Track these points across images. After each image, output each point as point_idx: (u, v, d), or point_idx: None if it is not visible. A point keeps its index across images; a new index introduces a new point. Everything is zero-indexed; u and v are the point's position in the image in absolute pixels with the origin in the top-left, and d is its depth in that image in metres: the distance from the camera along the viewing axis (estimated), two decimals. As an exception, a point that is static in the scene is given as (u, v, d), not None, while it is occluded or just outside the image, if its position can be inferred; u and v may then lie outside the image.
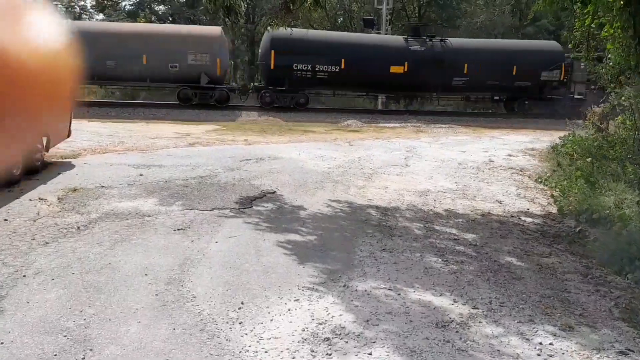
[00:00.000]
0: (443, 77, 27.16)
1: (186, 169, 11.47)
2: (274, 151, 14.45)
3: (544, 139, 19.50)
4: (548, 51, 29.01)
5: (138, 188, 9.50)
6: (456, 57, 27.32)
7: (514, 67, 27.59)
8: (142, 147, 14.55)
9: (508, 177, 12.55)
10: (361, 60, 26.33)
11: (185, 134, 18.03)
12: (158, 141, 15.87)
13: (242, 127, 20.99)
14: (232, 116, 24.84)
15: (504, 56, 27.86)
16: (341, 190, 10.20)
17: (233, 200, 8.93)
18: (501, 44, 30.61)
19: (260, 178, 10.82)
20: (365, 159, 13.86)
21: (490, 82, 27.73)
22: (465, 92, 29.20)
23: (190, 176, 10.67)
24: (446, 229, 8.17)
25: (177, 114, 23.77)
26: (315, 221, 8.06)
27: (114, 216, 7.71)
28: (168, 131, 18.51)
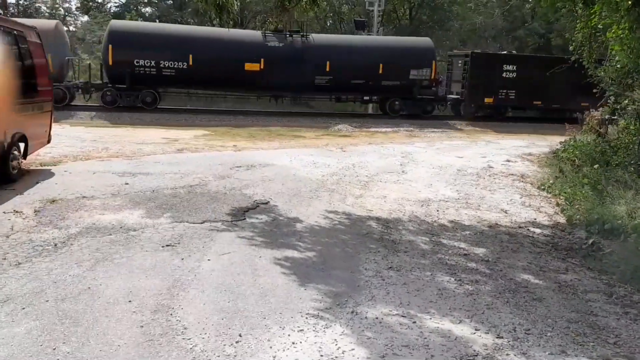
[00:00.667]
0: (304, 75, 25.24)
1: (175, 177, 10.82)
2: (264, 158, 13.83)
3: (540, 143, 19.08)
4: (418, 49, 27.43)
5: (123, 198, 8.84)
6: (318, 54, 25.48)
7: (381, 66, 25.78)
8: (127, 154, 13.87)
9: (510, 184, 12.02)
10: (212, 56, 24.51)
11: (174, 139, 17.36)
12: (145, 147, 15.19)
13: (231, 132, 20.33)
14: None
15: (369, 54, 26.07)
16: (338, 200, 9.60)
17: (225, 211, 8.30)
18: (367, 40, 28.72)
19: (252, 187, 10.20)
20: (360, 165, 13.28)
21: (356, 81, 25.88)
22: (330, 92, 26.89)
23: (179, 185, 10.03)
24: (454, 243, 7.60)
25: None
26: (314, 235, 7.45)
27: (96, 231, 7.05)
28: (156, 136, 17.82)
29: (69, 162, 12.35)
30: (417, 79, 26.37)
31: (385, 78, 26.04)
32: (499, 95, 27.33)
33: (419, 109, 26.75)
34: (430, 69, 26.49)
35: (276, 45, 25.34)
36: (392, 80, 26.15)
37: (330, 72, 25.41)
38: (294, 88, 26.07)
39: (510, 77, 27.38)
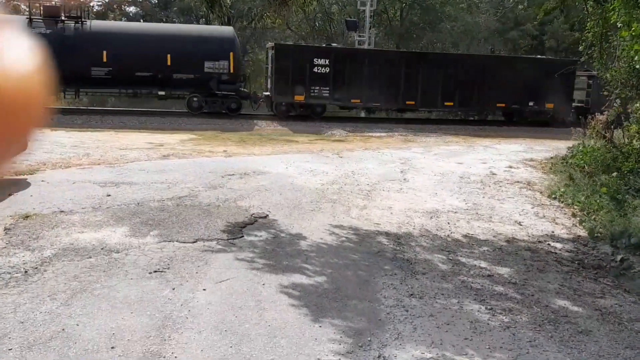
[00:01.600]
0: (79, 66, 21.98)
1: (161, 187, 9.96)
2: (258, 164, 13.00)
3: (538, 148, 18.43)
4: (214, 38, 24.51)
5: (105, 213, 7.98)
6: (93, 43, 22.65)
7: (169, 57, 22.93)
8: (109, 160, 12.98)
9: (518, 193, 11.29)
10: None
11: (159, 144, 16.46)
12: (129, 153, 14.29)
13: (220, 136, 19.47)
14: None
15: (155, 43, 23.19)
16: (341, 212, 8.81)
17: (219, 227, 7.46)
18: (154, 28, 26.00)
19: (247, 198, 9.37)
20: (359, 172, 12.49)
21: (141, 73, 22.94)
22: (112, 85, 23.72)
23: (166, 196, 9.18)
24: (474, 262, 6.83)
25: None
26: (321, 255, 6.64)
27: (74, 253, 6.19)
28: (140, 141, 16.91)
29: (47, 170, 11.44)
30: (214, 72, 23.66)
31: (176, 70, 23.28)
32: (310, 92, 24.57)
33: (223, 107, 24.45)
34: (229, 61, 23.73)
35: (43, 32, 21.82)
36: (185, 74, 23.46)
37: (108, 62, 22.62)
38: (69, 80, 22.22)
39: (323, 72, 24.54)
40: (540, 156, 16.42)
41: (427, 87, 24.95)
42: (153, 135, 18.49)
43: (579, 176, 11.93)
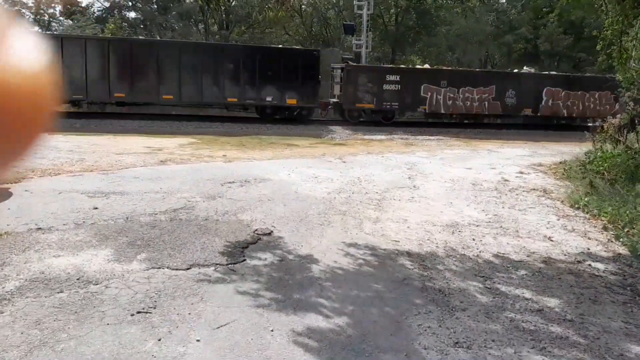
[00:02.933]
0: None
1: (155, 197, 8.62)
2: (259, 170, 11.66)
3: (542, 152, 17.19)
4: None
5: (88, 231, 6.62)
6: None
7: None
8: (103, 167, 11.62)
9: (537, 202, 9.99)
10: None
11: (157, 148, 15.10)
12: (125, 158, 12.94)
13: (219, 140, 18.10)
14: None
15: None
16: (354, 227, 7.48)
17: (218, 248, 6.12)
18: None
19: (249, 210, 8.04)
20: (366, 179, 11.17)
21: None
22: None
23: (159, 209, 7.83)
24: (515, 290, 5.52)
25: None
26: (338, 284, 5.31)
27: (43, 286, 4.85)
28: (138, 145, 15.55)
29: (34, 178, 10.09)
30: None
31: None
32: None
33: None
34: None
35: None
36: None
37: None
38: None
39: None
40: (548, 160, 15.15)
41: None
42: (152, 139, 17.13)
43: (601, 184, 10.64)
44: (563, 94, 25.83)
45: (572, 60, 29.11)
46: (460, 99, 24.56)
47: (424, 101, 24.20)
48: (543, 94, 25.71)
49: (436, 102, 24.17)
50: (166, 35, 29.99)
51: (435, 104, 24.18)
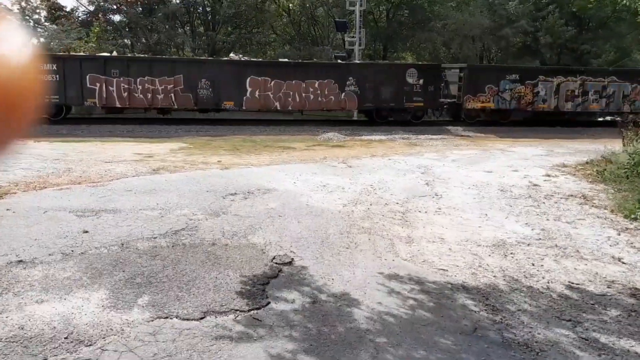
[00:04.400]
0: None
1: (152, 215, 7.46)
2: (260, 178, 10.52)
3: (559, 150, 16.06)
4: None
5: (78, 263, 5.45)
6: None
7: None
8: (92, 178, 10.40)
9: (583, 212, 8.86)
10: None
11: (148, 155, 13.87)
12: (114, 167, 11.71)
13: (212, 144, 16.87)
14: None
15: None
16: (385, 249, 6.38)
17: (234, 286, 4.99)
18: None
19: (260, 229, 6.91)
20: (380, 187, 10.07)
21: None
22: None
23: (158, 231, 6.67)
24: (618, 341, 4.41)
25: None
26: (394, 340, 4.20)
27: (22, 349, 3.70)
28: (127, 152, 14.30)
29: (18, 193, 8.90)
30: None
31: None
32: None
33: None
34: None
35: None
36: None
37: None
38: None
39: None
40: (570, 160, 13.99)
41: None
42: (141, 145, 15.87)
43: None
44: (273, 84, 21.77)
45: (575, 52, 28.19)
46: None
47: None
48: (247, 84, 21.72)
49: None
50: (152, 38, 28.60)
51: None
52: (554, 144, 17.41)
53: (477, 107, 23.54)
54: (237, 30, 29.85)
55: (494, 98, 23.49)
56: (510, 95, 23.51)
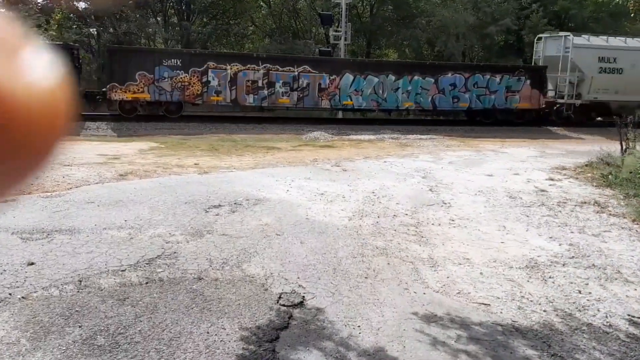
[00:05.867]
0: None
1: (119, 237, 6.09)
2: (247, 185, 9.20)
3: (551, 152, 15.16)
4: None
5: (16, 315, 4.08)
6: None
7: None
8: (47, 185, 8.92)
9: (602, 221, 7.86)
10: None
11: (114, 156, 12.41)
12: (74, 172, 10.24)
13: (186, 143, 15.41)
14: None
15: None
16: (411, 277, 5.16)
17: (233, 348, 3.68)
18: None
19: (255, 254, 5.61)
20: (383, 194, 8.85)
21: None
22: None
23: (128, 259, 5.32)
24: None
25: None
26: None
27: None
28: (91, 153, 12.80)
29: (-47, 206, 7.37)
30: None
31: None
32: None
33: None
34: None
35: None
36: None
37: None
38: None
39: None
40: (566, 162, 13.06)
41: None
42: (107, 145, 14.36)
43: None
44: None
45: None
46: None
47: None
48: None
49: None
50: (121, 28, 26.88)
51: None
52: (543, 145, 16.59)
53: (127, 98, 18.98)
54: (213, 21, 28.33)
55: (149, 88, 18.99)
56: (171, 85, 19.13)
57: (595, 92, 22.36)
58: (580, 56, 21.99)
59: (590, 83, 22.20)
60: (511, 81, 21.53)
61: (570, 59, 21.91)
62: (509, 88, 21.54)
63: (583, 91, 22.32)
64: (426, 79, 20.91)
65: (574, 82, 22.14)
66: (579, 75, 22.05)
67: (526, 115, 22.14)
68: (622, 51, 22.37)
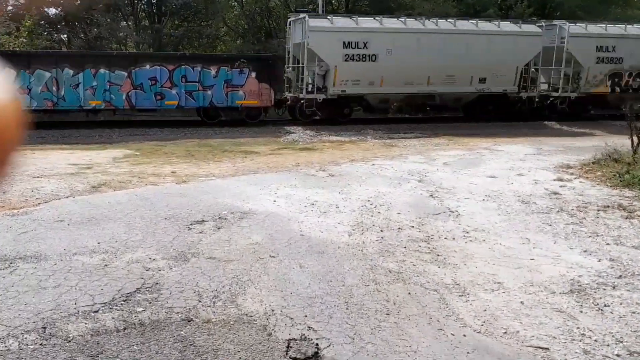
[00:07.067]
0: None
1: (91, 264, 5.14)
2: (230, 195, 8.29)
3: (547, 148, 14.40)
4: None
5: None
6: None
7: None
8: (13, 201, 7.89)
9: (635, 229, 7.06)
10: None
11: (86, 165, 11.34)
12: (44, 184, 9.18)
13: (161, 149, 14.36)
14: None
15: None
16: (442, 313, 4.35)
17: None
18: None
19: (250, 283, 4.73)
20: (379, 202, 8.03)
21: None
22: None
23: (102, 295, 4.39)
24: None
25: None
26: None
27: None
28: (62, 163, 11.70)
29: None
30: None
31: None
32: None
33: None
34: None
35: None
36: None
37: None
38: None
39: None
40: (568, 159, 12.27)
41: None
42: (79, 153, 13.24)
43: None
44: None
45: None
46: None
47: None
48: None
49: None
50: (92, 32, 25.55)
51: None
52: (537, 141, 15.73)
53: None
54: (185, 23, 27.14)
55: None
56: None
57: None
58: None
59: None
60: (231, 74, 18.21)
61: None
62: (229, 82, 18.25)
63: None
64: (116, 72, 17.48)
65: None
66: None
67: (253, 113, 18.95)
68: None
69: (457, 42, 18.89)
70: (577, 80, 20.46)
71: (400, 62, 18.27)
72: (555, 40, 20.11)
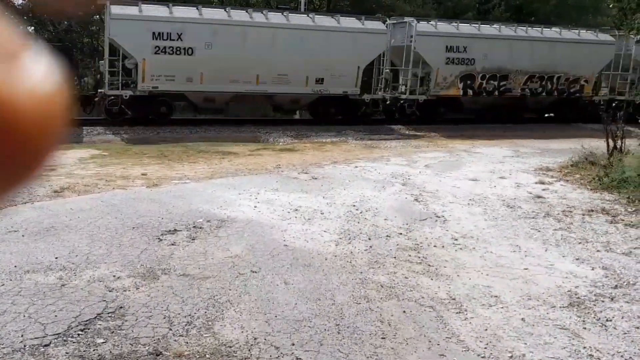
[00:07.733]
0: None
1: (46, 283, 4.50)
2: (206, 201, 7.66)
3: (525, 150, 14.20)
4: None
5: None
6: None
7: None
8: (-36, 208, 7.14)
9: (622, 235, 6.79)
10: None
11: (49, 166, 10.50)
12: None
13: (131, 150, 13.60)
14: None
15: None
16: (441, 335, 3.87)
17: None
18: None
19: (229, 305, 4.16)
20: (365, 207, 7.51)
21: None
22: None
23: (55, 324, 3.76)
24: None
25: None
26: None
27: None
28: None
29: None
30: None
31: None
32: None
33: None
34: None
35: None
36: None
37: None
38: None
39: None
40: (546, 162, 11.97)
41: None
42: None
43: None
44: None
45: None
46: None
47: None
48: None
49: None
50: (61, 25, 24.56)
51: None
52: (513, 143, 15.43)
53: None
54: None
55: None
56: None
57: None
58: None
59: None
60: None
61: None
62: None
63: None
64: None
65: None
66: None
67: None
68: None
69: (290, 38, 16.76)
70: (428, 82, 18.78)
71: (221, 58, 16.07)
72: (405, 39, 18.36)
